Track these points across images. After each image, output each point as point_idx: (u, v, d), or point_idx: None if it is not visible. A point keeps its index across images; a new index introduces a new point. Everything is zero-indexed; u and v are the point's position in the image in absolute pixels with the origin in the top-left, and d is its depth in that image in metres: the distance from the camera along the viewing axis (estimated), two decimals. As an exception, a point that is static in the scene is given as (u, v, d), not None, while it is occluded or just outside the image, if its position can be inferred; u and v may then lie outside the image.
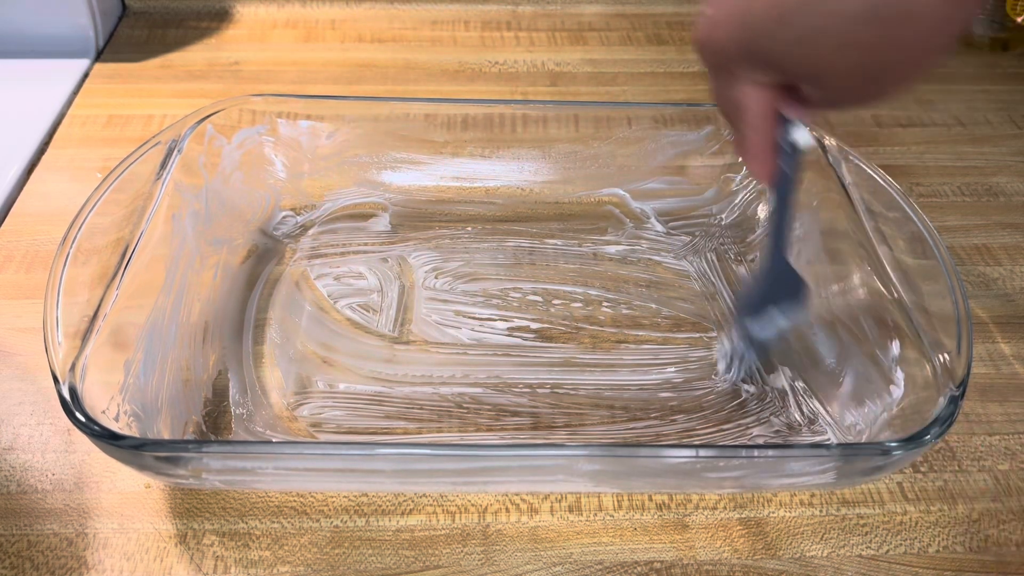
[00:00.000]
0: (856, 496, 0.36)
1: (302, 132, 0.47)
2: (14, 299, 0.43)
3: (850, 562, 0.34)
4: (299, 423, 0.38)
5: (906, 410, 0.33)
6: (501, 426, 0.38)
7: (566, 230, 0.48)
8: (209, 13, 0.67)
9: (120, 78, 0.59)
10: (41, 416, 0.38)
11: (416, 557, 0.33)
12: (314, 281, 0.44)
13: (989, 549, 0.34)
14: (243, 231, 0.46)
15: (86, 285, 0.34)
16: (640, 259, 0.47)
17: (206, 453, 0.30)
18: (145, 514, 0.34)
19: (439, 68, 0.63)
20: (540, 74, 0.63)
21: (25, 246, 0.46)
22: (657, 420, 0.38)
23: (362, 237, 0.47)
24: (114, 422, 0.30)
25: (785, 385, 0.40)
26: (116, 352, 0.33)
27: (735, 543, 0.34)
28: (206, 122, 0.43)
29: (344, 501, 0.35)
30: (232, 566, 0.33)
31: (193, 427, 0.36)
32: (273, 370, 0.40)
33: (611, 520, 0.35)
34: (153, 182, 0.39)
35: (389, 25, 0.67)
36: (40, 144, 0.53)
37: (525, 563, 0.33)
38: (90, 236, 0.35)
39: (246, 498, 0.35)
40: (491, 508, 0.35)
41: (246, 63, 0.62)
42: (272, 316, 0.42)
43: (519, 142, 0.48)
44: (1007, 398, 0.40)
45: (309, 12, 0.68)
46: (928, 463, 0.37)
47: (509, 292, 0.44)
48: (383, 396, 0.39)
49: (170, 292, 0.39)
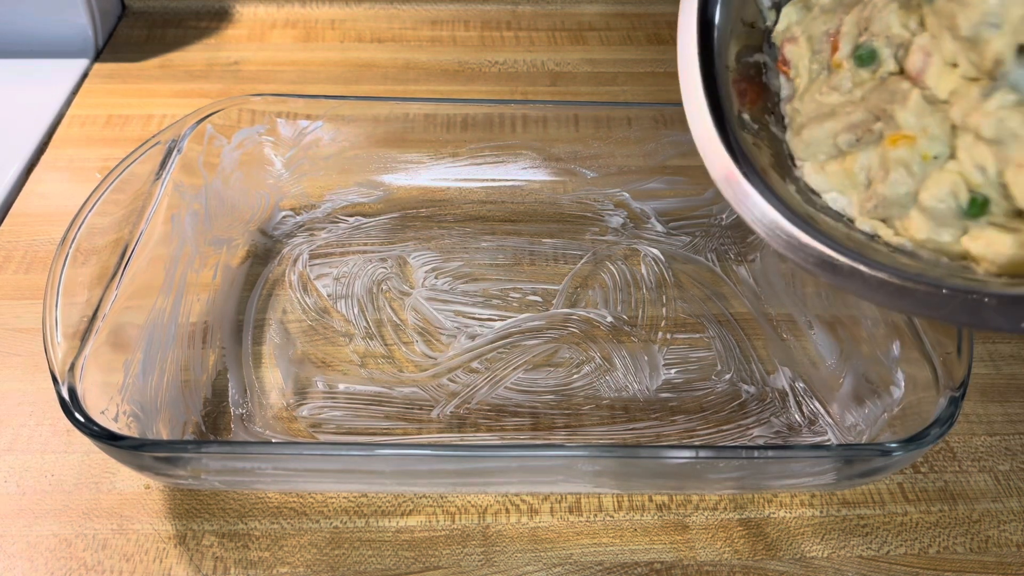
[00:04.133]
0: (856, 497, 0.36)
1: (302, 132, 0.47)
2: (13, 299, 0.43)
3: (850, 563, 0.34)
4: (299, 424, 0.38)
5: (907, 411, 0.33)
6: (501, 426, 0.38)
7: (566, 230, 0.48)
8: (208, 13, 0.67)
9: (119, 78, 0.59)
10: (40, 416, 0.38)
11: (416, 558, 0.33)
12: (314, 281, 0.44)
13: (990, 550, 0.34)
14: (243, 231, 0.46)
15: (85, 285, 0.34)
16: (640, 259, 0.47)
17: (205, 453, 0.30)
18: (144, 515, 0.34)
19: (439, 68, 0.63)
20: (540, 74, 0.62)
21: (24, 246, 0.46)
22: (657, 421, 0.38)
23: (362, 237, 0.47)
24: (113, 422, 0.30)
25: (785, 386, 0.40)
26: (115, 352, 0.33)
27: (735, 544, 0.34)
28: (206, 122, 0.43)
29: (344, 502, 0.35)
30: (232, 567, 0.33)
31: (192, 427, 0.36)
32: (273, 370, 0.40)
33: (611, 521, 0.35)
34: (152, 182, 0.39)
35: (389, 25, 0.67)
36: (39, 144, 0.53)
37: (525, 564, 0.33)
38: (89, 236, 0.35)
39: (245, 499, 0.35)
40: (491, 509, 0.35)
41: (245, 63, 0.62)
42: (272, 316, 0.42)
43: (519, 142, 0.48)
44: (1007, 398, 0.40)
45: (309, 12, 0.68)
46: (928, 464, 0.37)
47: (509, 292, 0.44)
48: (383, 396, 0.39)
49: (169, 292, 0.39)
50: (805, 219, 0.29)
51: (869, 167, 0.29)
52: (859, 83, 0.30)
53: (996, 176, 0.25)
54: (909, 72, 0.28)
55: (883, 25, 0.29)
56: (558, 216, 0.49)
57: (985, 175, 0.26)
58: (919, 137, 0.27)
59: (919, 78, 0.28)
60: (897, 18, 0.28)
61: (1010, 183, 0.25)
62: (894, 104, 0.28)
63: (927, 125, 0.27)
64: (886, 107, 0.28)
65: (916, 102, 0.27)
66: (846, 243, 0.27)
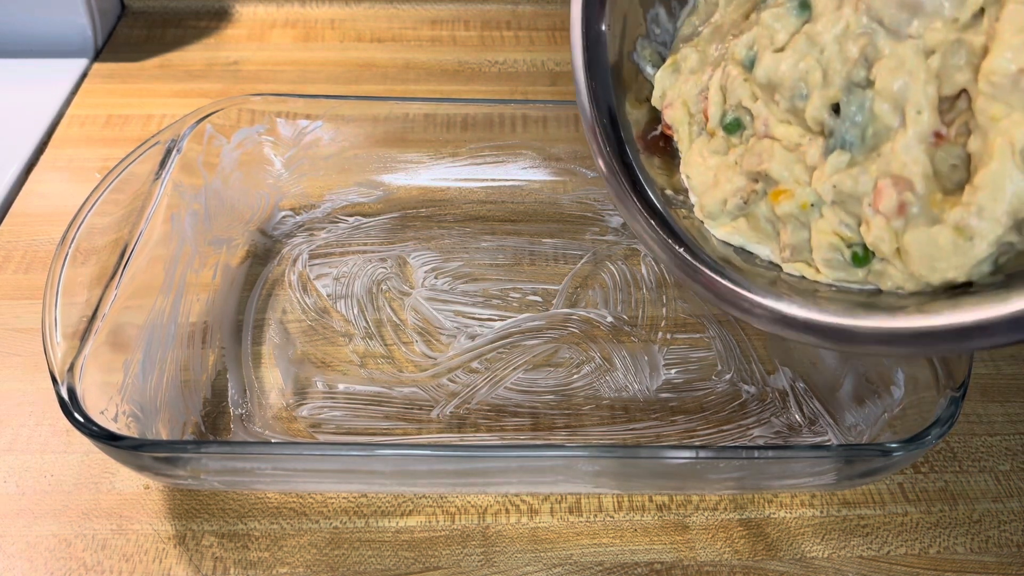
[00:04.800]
0: (857, 497, 0.36)
1: (301, 132, 0.47)
2: (13, 299, 0.43)
3: (851, 563, 0.34)
4: (298, 424, 0.38)
5: (907, 411, 0.33)
6: (501, 426, 0.38)
7: (566, 230, 0.48)
8: (208, 13, 0.67)
9: (119, 78, 0.59)
10: (40, 416, 0.37)
11: (416, 558, 0.33)
12: (314, 281, 0.44)
13: (990, 550, 0.34)
14: (242, 231, 0.46)
15: (85, 285, 0.34)
16: (640, 259, 0.47)
17: (205, 454, 0.30)
18: (144, 515, 0.34)
19: (439, 68, 0.63)
20: (540, 74, 0.62)
21: (24, 246, 0.46)
22: (657, 421, 0.38)
23: (362, 237, 0.47)
24: (113, 422, 0.30)
25: (786, 386, 0.40)
26: (115, 352, 0.33)
27: (736, 544, 0.34)
28: (205, 122, 0.43)
29: (343, 502, 0.35)
30: (231, 567, 0.33)
31: (192, 427, 0.36)
32: (272, 371, 0.40)
33: (611, 521, 0.35)
34: (152, 182, 0.39)
35: (389, 25, 0.67)
36: (39, 144, 0.53)
37: (525, 564, 0.33)
38: (89, 236, 0.35)
39: (245, 499, 0.35)
40: (491, 509, 0.35)
41: (245, 63, 0.62)
42: (271, 316, 0.42)
43: (519, 142, 0.48)
44: (1008, 398, 0.40)
45: (308, 12, 0.68)
46: (929, 464, 0.37)
47: (509, 292, 0.44)
48: (383, 396, 0.39)
49: (169, 292, 0.39)
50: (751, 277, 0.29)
51: (772, 219, 0.29)
52: (733, 147, 0.31)
53: (859, 229, 0.26)
54: (761, 132, 0.29)
55: (735, 97, 0.30)
56: (558, 216, 0.49)
57: (852, 229, 0.26)
58: (795, 188, 0.28)
59: (771, 135, 0.29)
60: (746, 90, 0.29)
61: (866, 239, 0.26)
62: (763, 163, 0.28)
63: (797, 175, 0.28)
64: (759, 168, 0.29)
65: (781, 155, 0.28)
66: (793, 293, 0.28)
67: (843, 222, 0.26)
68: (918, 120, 0.24)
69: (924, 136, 0.24)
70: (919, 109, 0.24)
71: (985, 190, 0.22)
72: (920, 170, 0.24)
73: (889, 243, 0.25)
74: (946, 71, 0.23)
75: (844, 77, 0.26)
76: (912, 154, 0.24)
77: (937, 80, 0.24)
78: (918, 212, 0.24)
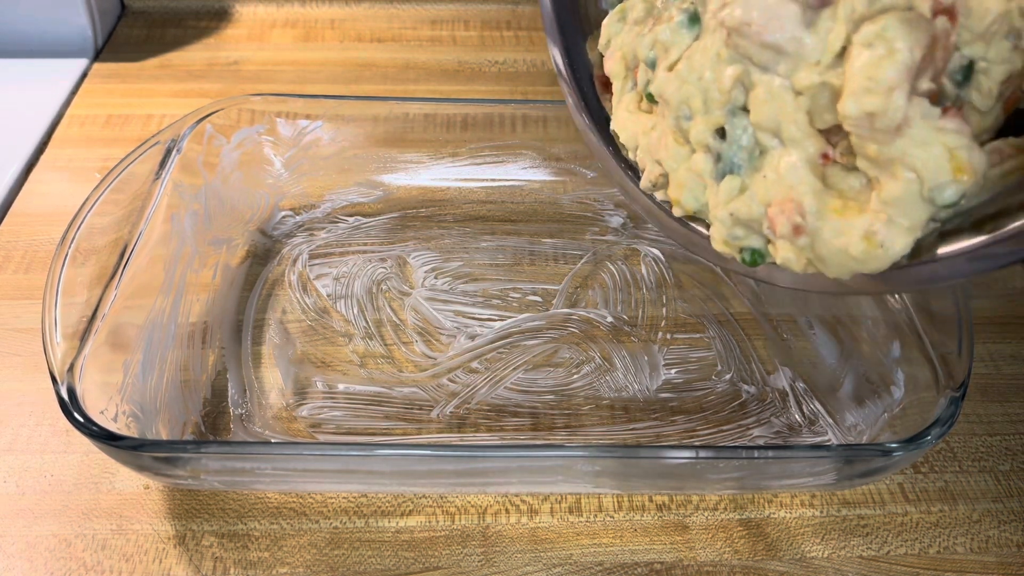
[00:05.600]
0: (857, 497, 0.36)
1: (301, 132, 0.47)
2: (12, 299, 0.43)
3: (851, 563, 0.34)
4: (298, 424, 0.38)
5: (907, 411, 0.33)
6: (501, 426, 0.38)
7: (566, 230, 0.48)
8: (208, 12, 0.67)
9: (119, 78, 0.59)
10: (40, 417, 0.37)
11: (416, 558, 0.33)
12: (313, 281, 0.44)
13: (990, 550, 0.34)
14: (242, 231, 0.46)
15: (85, 285, 0.34)
16: (640, 259, 0.47)
17: (205, 454, 0.30)
18: (144, 515, 0.34)
19: (438, 68, 0.63)
20: (540, 74, 0.62)
21: (24, 246, 0.46)
22: (657, 421, 0.38)
23: (362, 237, 0.47)
24: (112, 422, 0.30)
25: (785, 386, 0.40)
26: (115, 352, 0.33)
27: (736, 544, 0.34)
28: (205, 122, 0.43)
29: (343, 502, 0.35)
30: (231, 567, 0.33)
31: (192, 427, 0.36)
32: (272, 371, 0.40)
33: (611, 521, 0.35)
34: (152, 182, 0.39)
35: (388, 25, 0.67)
36: (39, 144, 0.53)
37: (525, 564, 0.33)
38: (89, 236, 0.35)
39: (245, 499, 0.35)
40: (491, 509, 0.35)
41: (245, 63, 0.62)
42: (271, 316, 0.42)
43: (519, 142, 0.48)
44: (1007, 398, 0.40)
45: (308, 12, 0.68)
46: (929, 464, 0.37)
47: (509, 292, 0.44)
48: (383, 396, 0.39)
49: (169, 292, 0.39)
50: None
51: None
52: (652, 115, 0.30)
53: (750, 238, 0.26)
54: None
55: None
56: (558, 216, 0.49)
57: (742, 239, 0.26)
58: (683, 194, 0.28)
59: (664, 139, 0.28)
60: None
61: (776, 258, 0.25)
62: (659, 153, 0.28)
63: (689, 185, 0.28)
64: (657, 156, 0.28)
65: (674, 151, 0.28)
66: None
67: (732, 235, 0.26)
68: (802, 145, 0.24)
69: (811, 159, 0.24)
70: (797, 139, 0.24)
71: (893, 207, 0.22)
72: (808, 188, 0.24)
73: (798, 261, 0.25)
74: (816, 110, 0.23)
75: (725, 103, 0.25)
76: (798, 175, 0.24)
77: (808, 116, 0.23)
78: (818, 225, 0.24)
